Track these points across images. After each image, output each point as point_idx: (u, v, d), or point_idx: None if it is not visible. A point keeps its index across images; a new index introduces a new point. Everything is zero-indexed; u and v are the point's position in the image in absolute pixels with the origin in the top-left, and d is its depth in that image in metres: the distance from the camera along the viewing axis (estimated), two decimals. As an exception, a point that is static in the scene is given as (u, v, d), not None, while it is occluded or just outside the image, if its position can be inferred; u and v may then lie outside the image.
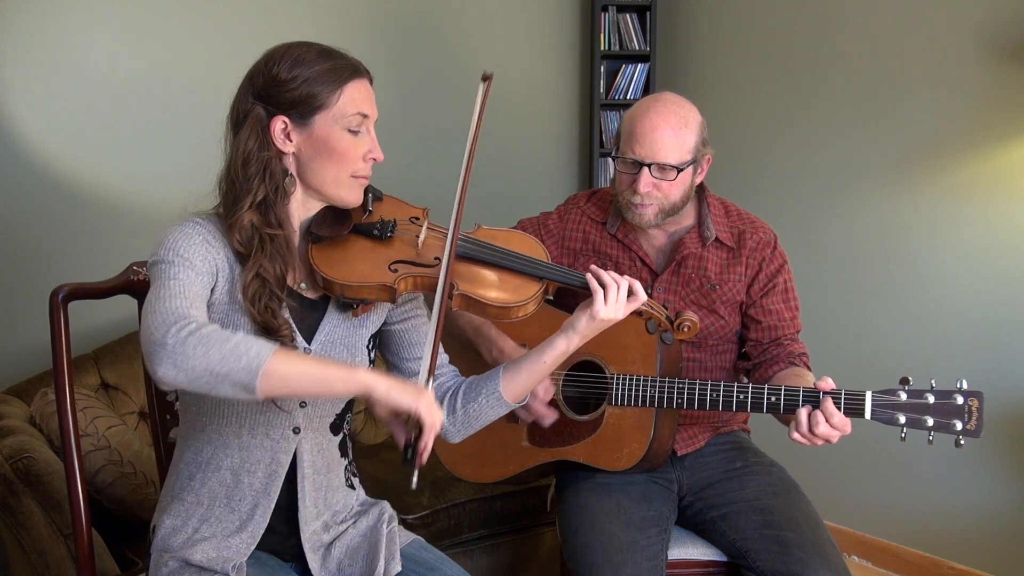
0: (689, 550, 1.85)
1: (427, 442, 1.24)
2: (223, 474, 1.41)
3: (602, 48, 3.58)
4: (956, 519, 2.80)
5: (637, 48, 3.59)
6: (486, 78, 1.40)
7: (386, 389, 1.21)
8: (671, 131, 1.77)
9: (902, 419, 1.55)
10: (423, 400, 1.22)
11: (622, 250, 1.93)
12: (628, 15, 3.58)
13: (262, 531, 1.41)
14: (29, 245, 2.64)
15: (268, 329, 1.34)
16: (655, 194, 1.80)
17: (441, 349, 1.55)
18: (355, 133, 1.37)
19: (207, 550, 1.39)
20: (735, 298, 1.89)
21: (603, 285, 1.44)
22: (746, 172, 3.35)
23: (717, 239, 1.89)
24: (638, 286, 1.46)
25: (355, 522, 1.51)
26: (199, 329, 1.18)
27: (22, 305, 2.61)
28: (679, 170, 1.78)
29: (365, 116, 1.37)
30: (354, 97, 1.36)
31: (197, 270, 1.31)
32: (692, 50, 3.60)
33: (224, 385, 1.17)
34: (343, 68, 1.36)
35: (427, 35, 3.36)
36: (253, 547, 1.41)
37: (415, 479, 1.25)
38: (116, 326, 2.62)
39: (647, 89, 3.59)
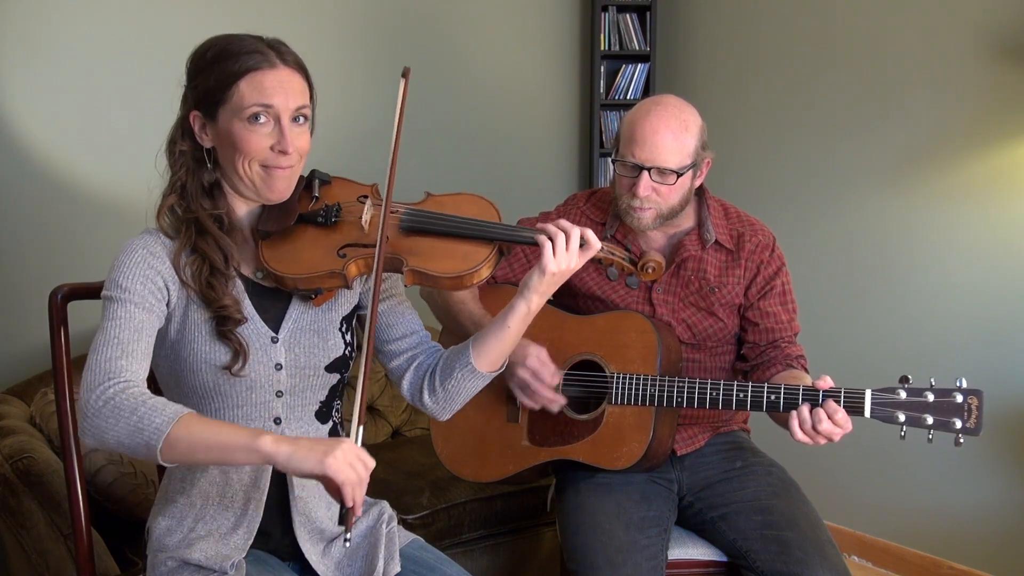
0: (689, 550, 1.85)
1: (353, 498, 1.18)
2: (212, 472, 1.41)
3: (602, 48, 3.58)
4: (956, 519, 2.80)
5: (637, 48, 3.59)
6: (405, 74, 1.40)
7: (287, 457, 1.15)
8: (671, 135, 1.76)
9: (901, 417, 1.54)
10: (331, 459, 1.15)
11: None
12: (628, 15, 3.58)
13: (257, 526, 1.41)
14: (29, 245, 2.64)
15: (214, 306, 1.34)
16: (654, 198, 1.79)
17: (421, 326, 1.55)
18: (256, 125, 1.33)
19: (204, 548, 1.39)
20: (734, 301, 1.89)
21: (550, 237, 1.41)
22: (746, 172, 3.35)
23: (717, 241, 1.89)
24: (590, 234, 1.43)
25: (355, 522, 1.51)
26: (115, 396, 1.20)
27: (22, 305, 2.61)
28: (679, 174, 1.78)
29: (268, 107, 1.33)
30: (255, 88, 1.32)
31: (137, 298, 1.31)
32: (692, 50, 3.60)
33: (136, 454, 1.19)
34: (243, 60, 1.33)
35: (427, 35, 3.36)
36: (250, 543, 1.41)
37: (348, 537, 1.28)
38: (116, 326, 2.62)
39: (647, 89, 3.59)
